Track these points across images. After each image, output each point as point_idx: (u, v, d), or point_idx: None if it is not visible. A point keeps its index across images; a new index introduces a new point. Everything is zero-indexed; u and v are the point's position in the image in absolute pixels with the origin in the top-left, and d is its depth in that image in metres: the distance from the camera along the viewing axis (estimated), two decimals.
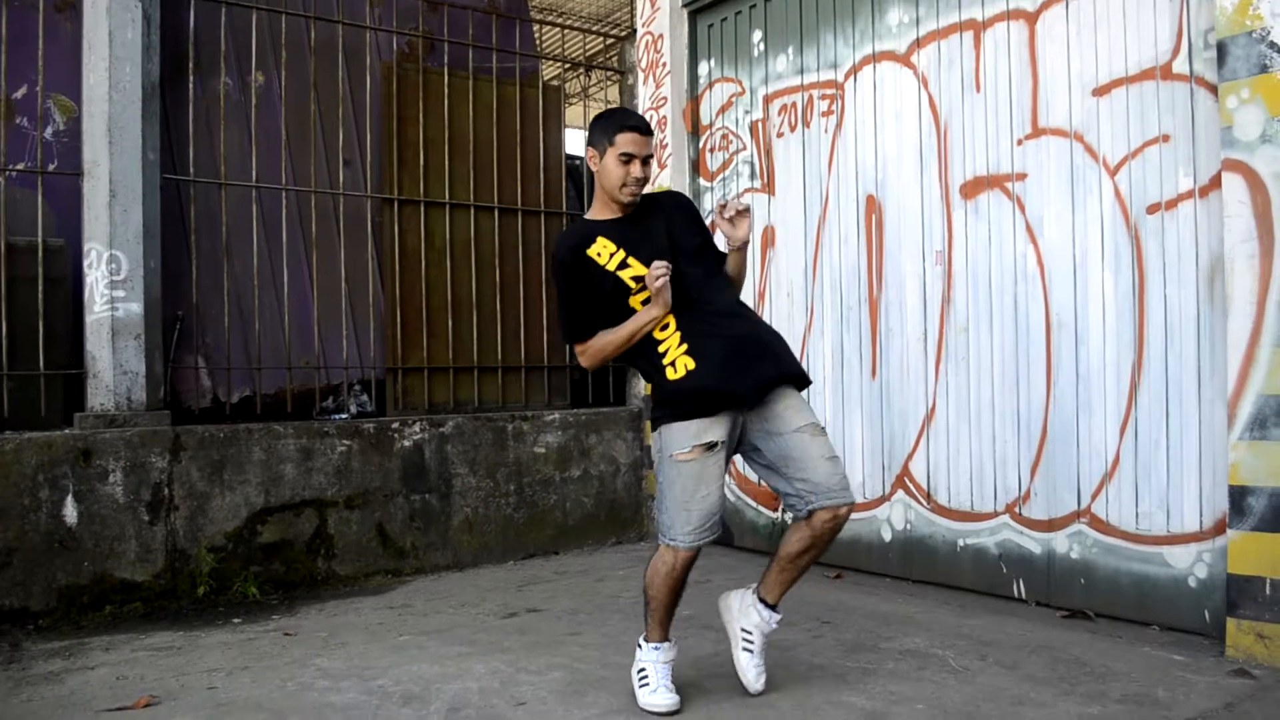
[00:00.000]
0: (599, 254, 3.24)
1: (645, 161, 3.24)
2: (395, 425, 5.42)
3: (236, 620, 4.46)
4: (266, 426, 5.04)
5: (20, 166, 4.92)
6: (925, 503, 4.80)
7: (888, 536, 4.97)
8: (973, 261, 4.59)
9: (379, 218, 5.81)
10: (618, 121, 3.27)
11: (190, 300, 5.23)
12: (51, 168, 4.95)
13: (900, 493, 4.92)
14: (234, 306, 5.36)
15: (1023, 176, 4.40)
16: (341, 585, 5.12)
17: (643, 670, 3.26)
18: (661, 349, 3.20)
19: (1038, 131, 4.35)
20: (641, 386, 6.43)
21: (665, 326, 3.20)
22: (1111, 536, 4.08)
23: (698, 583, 4.92)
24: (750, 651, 3.30)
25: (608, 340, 3.26)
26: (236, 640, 4.13)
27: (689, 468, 3.13)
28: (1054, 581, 4.28)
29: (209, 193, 5.30)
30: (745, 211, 3.24)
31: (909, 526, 4.88)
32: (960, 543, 4.64)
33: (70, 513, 4.52)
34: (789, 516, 5.42)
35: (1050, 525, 4.29)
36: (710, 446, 3.13)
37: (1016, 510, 4.42)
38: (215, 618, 4.51)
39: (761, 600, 3.30)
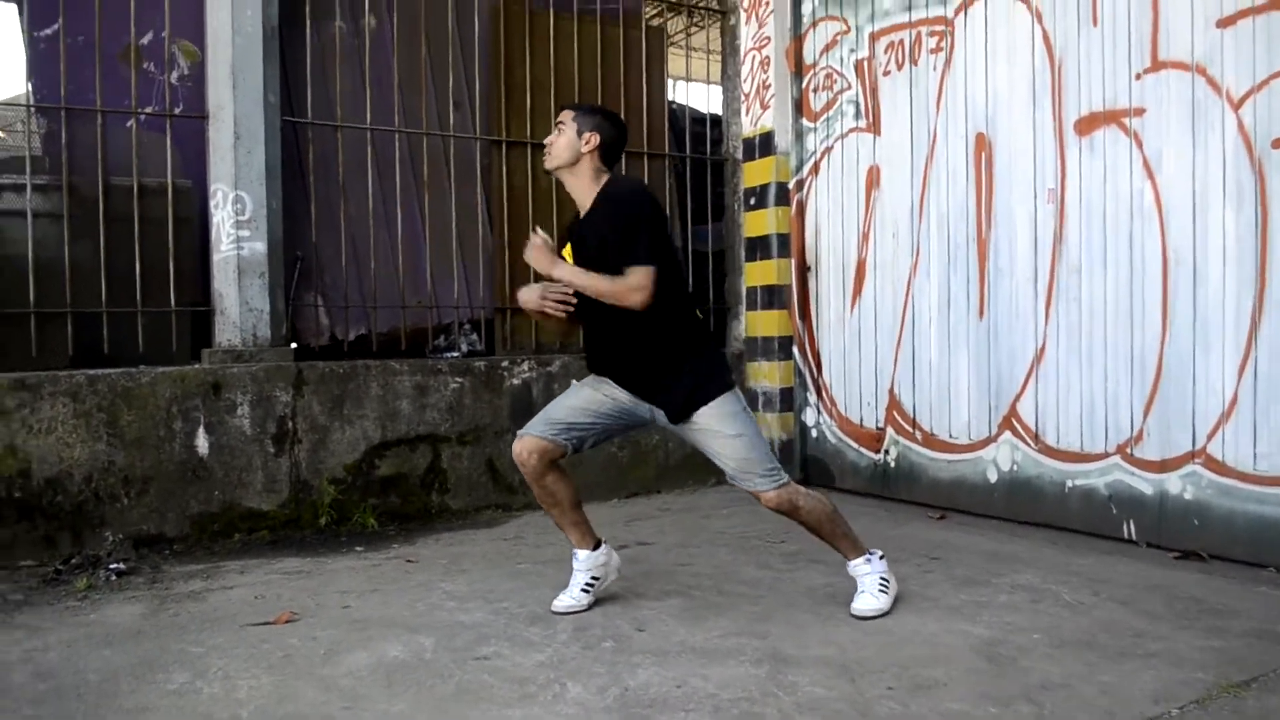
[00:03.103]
0: None
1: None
2: (504, 364, 5.55)
3: (359, 548, 4.65)
4: (383, 363, 5.20)
5: (149, 110, 5.09)
6: (1033, 443, 4.78)
7: (993, 478, 4.97)
8: (1086, 199, 4.53)
9: (487, 159, 5.89)
10: None
11: (308, 241, 5.36)
12: (178, 111, 5.10)
13: (1007, 434, 4.91)
14: (350, 247, 5.50)
15: (1140, 111, 4.32)
16: (454, 518, 5.30)
17: (884, 580, 3.51)
18: None
19: (1157, 65, 4.26)
20: (741, 329, 6.47)
21: None
22: (1227, 477, 4.03)
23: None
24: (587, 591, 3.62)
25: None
26: (362, 566, 4.32)
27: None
28: (1165, 523, 4.26)
29: (325, 135, 5.42)
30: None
31: (1015, 467, 4.87)
32: (1068, 483, 4.63)
33: (202, 443, 4.73)
34: (890, 458, 5.46)
35: (1163, 466, 4.26)
36: None
37: (1128, 450, 4.39)
38: (338, 546, 4.71)
39: None
